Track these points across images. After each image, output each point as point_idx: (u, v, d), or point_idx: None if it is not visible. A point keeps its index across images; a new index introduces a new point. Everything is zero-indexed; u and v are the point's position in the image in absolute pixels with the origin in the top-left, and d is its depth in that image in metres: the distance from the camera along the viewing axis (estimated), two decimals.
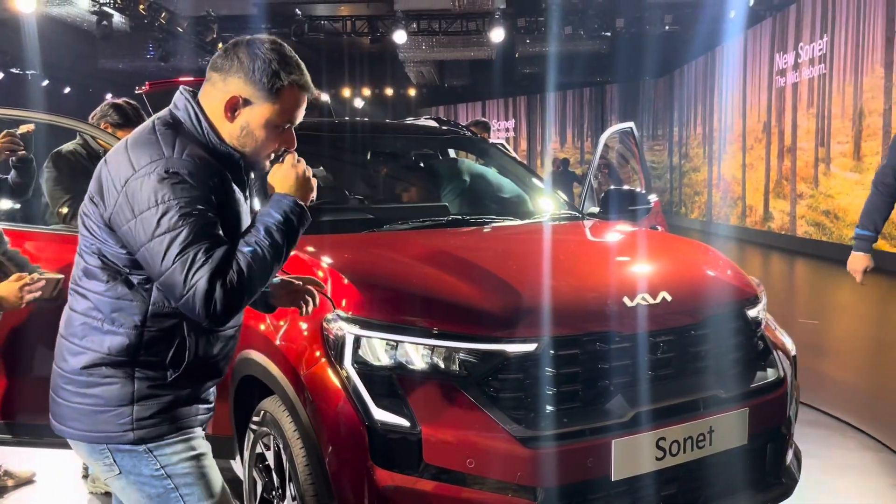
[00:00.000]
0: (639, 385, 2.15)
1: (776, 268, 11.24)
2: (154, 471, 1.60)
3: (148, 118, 3.64)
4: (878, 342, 6.17)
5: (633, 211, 3.70)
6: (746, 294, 2.50)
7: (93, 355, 1.58)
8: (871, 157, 10.28)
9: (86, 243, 1.61)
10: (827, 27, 11.51)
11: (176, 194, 1.47)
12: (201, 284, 1.43)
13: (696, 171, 17.71)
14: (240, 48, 1.60)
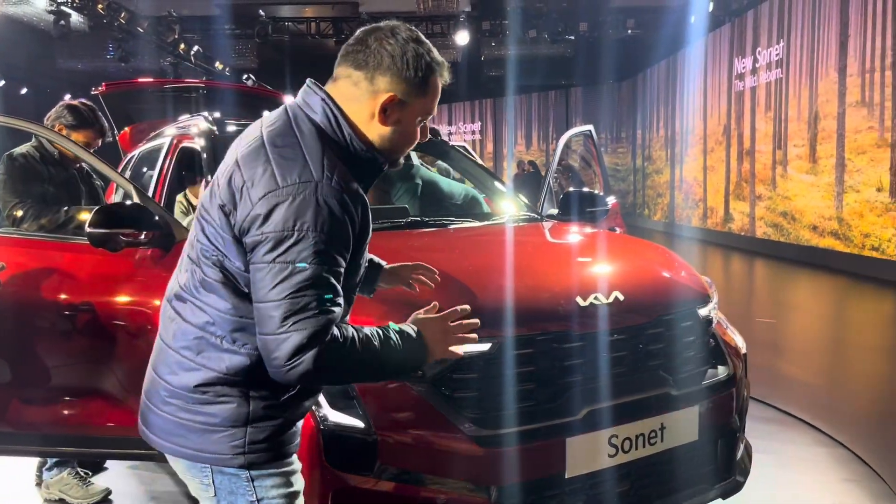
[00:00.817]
0: (592, 383, 2.19)
1: (736, 268, 11.45)
2: (248, 501, 1.50)
3: (105, 120, 3.60)
4: (832, 340, 6.34)
5: (592, 213, 3.76)
6: (698, 294, 2.55)
7: (209, 373, 1.46)
8: (825, 160, 10.54)
9: (205, 252, 1.46)
10: (783, 32, 11.77)
11: (317, 228, 1.33)
12: (299, 336, 1.32)
13: (659, 173, 17.97)
14: (384, 40, 1.43)
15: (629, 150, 20.24)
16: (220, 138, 3.26)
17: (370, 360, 1.41)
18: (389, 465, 1.96)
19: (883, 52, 9.22)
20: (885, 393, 4.67)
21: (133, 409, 2.80)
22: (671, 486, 2.32)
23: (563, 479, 2.07)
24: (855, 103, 9.83)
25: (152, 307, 2.65)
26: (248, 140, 1.48)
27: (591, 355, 2.20)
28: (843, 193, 10.07)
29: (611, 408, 2.16)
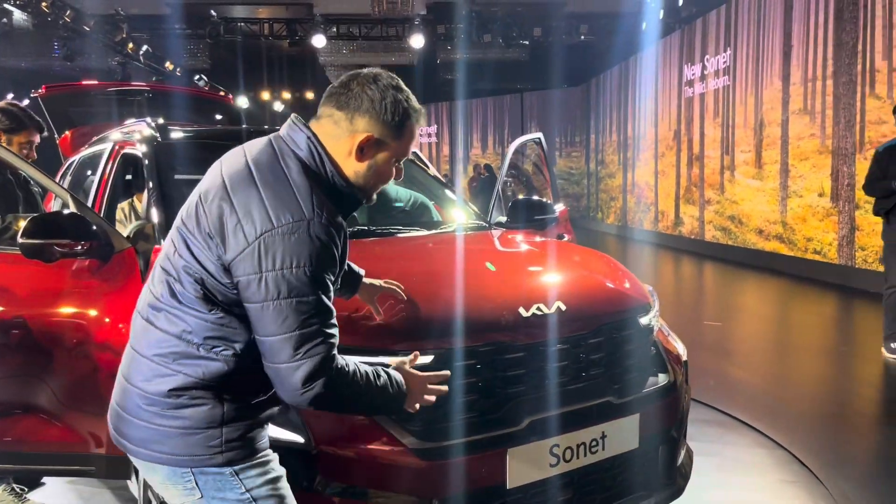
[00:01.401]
0: (534, 394, 2.21)
1: (686, 271, 11.68)
2: (240, 494, 1.57)
3: (44, 122, 3.50)
4: (775, 342, 6.50)
5: (540, 220, 3.79)
6: (639, 302, 2.59)
7: (184, 379, 1.53)
8: (771, 166, 10.82)
9: (188, 269, 1.53)
10: (730, 41, 12.06)
11: (312, 262, 1.45)
12: (311, 363, 1.46)
13: (612, 177, 18.23)
14: (366, 85, 1.57)
15: (583, 154, 20.49)
16: (163, 145, 3.21)
17: (366, 394, 1.57)
18: (331, 479, 1.95)
19: (824, 62, 9.51)
20: (824, 394, 4.81)
21: (70, 425, 2.74)
22: (613, 494, 2.35)
23: (505, 489, 2.08)
24: (798, 111, 10.11)
25: (89, 319, 2.58)
26: (234, 170, 1.56)
27: (534, 365, 2.22)
28: (787, 198, 10.35)
29: (552, 417, 2.18)
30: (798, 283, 9.37)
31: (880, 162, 5.34)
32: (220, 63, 17.74)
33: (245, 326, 1.54)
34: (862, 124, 8.75)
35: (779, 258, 10.46)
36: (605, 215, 18.82)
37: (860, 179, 8.75)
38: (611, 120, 18.27)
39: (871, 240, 8.52)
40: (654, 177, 15.37)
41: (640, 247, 14.73)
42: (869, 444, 3.91)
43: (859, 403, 4.54)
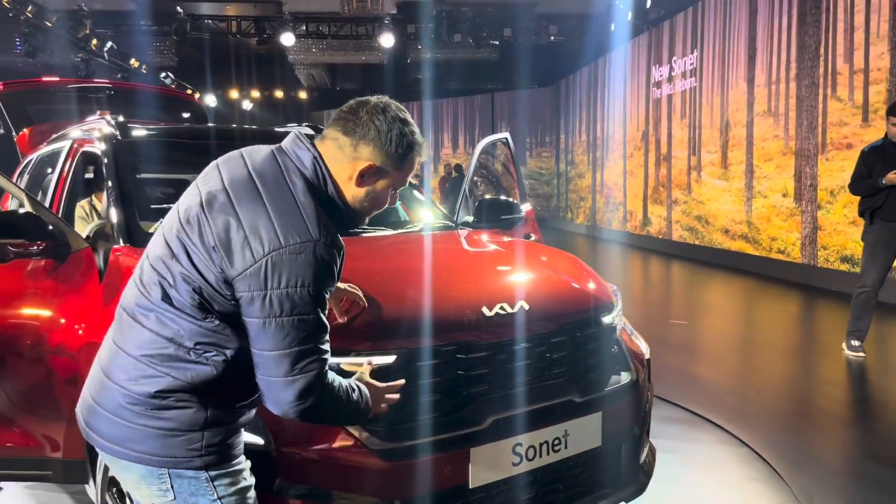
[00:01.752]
0: (497, 393, 2.20)
1: (653, 271, 11.80)
2: (211, 501, 1.58)
3: (1, 119, 3.41)
4: (740, 340, 6.59)
5: (507, 220, 3.80)
6: (603, 301, 2.60)
7: (171, 381, 1.54)
8: (736, 166, 10.98)
9: (186, 277, 1.54)
10: (697, 43, 12.21)
11: (316, 282, 1.49)
12: (307, 379, 1.51)
13: (581, 177, 18.36)
14: (374, 115, 1.60)
15: (553, 154, 20.61)
16: (123, 143, 3.15)
17: (345, 407, 1.64)
18: (290, 481, 1.93)
19: (787, 64, 9.67)
20: (787, 392, 4.89)
21: (26, 429, 2.68)
22: (576, 492, 2.36)
23: (467, 489, 2.08)
24: (762, 112, 10.28)
25: (44, 321, 2.53)
26: (237, 180, 1.57)
27: (497, 365, 2.22)
28: (752, 199, 10.51)
29: (515, 416, 2.18)
30: (763, 282, 9.52)
31: (866, 160, 5.37)
32: (187, 61, 17.51)
33: (237, 334, 1.55)
34: (824, 126, 8.92)
35: (744, 257, 10.62)
36: (574, 215, 18.95)
37: (822, 180, 8.92)
38: (580, 120, 18.40)
39: (833, 239, 8.69)
40: (623, 177, 15.51)
41: (608, 246, 14.85)
42: (829, 440, 3.98)
43: (821, 401, 4.62)
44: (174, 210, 1.67)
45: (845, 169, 8.51)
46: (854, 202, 8.36)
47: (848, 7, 8.54)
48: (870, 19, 8.20)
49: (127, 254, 2.55)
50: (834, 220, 8.69)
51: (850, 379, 5.09)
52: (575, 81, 18.57)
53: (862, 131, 8.28)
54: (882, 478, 3.44)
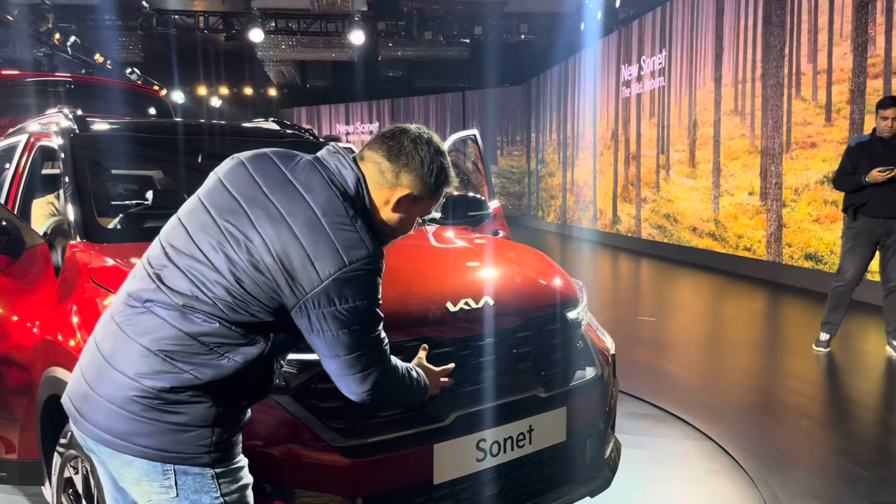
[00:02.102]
0: (461, 388, 2.19)
1: (623, 268, 11.89)
2: (213, 498, 1.57)
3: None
4: (706, 336, 6.67)
5: (474, 216, 3.79)
6: (568, 296, 2.60)
7: (188, 378, 1.52)
8: (704, 165, 11.11)
9: (223, 285, 1.53)
10: (665, 42, 12.33)
11: (375, 292, 1.58)
12: (377, 373, 1.63)
13: (552, 175, 18.45)
14: (419, 145, 1.65)
15: (524, 153, 20.67)
16: (81, 136, 3.08)
17: (408, 389, 1.79)
18: (253, 480, 1.89)
19: (753, 64, 9.81)
20: (751, 386, 4.96)
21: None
22: (541, 488, 2.37)
23: (431, 485, 2.06)
24: (729, 112, 10.41)
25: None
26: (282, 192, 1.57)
27: (461, 360, 2.20)
28: (720, 197, 10.64)
29: (480, 412, 2.18)
30: (729, 279, 9.64)
31: (851, 156, 5.37)
32: (153, 56, 17.25)
33: (265, 335, 1.57)
34: (788, 125, 9.06)
35: (711, 255, 10.76)
36: (545, 214, 19.04)
37: (787, 178, 9.06)
38: (551, 119, 18.48)
39: (797, 237, 8.83)
40: (593, 176, 15.62)
41: (579, 245, 14.95)
42: (791, 433, 4.03)
43: (785, 395, 4.69)
44: (197, 203, 1.62)
45: (809, 168, 8.66)
46: (818, 200, 8.52)
47: (812, 8, 8.68)
48: (833, 21, 8.34)
49: (83, 250, 2.49)
50: (798, 218, 8.83)
51: (815, 374, 5.17)
52: (546, 80, 18.65)
53: (825, 130, 8.42)
54: (843, 470, 3.50)
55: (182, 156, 3.51)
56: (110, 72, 16.80)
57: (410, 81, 21.91)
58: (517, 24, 15.69)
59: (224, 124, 3.91)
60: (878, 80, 7.59)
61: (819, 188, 8.44)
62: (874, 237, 5.31)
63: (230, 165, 1.66)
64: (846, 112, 8.09)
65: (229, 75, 21.99)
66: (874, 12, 7.70)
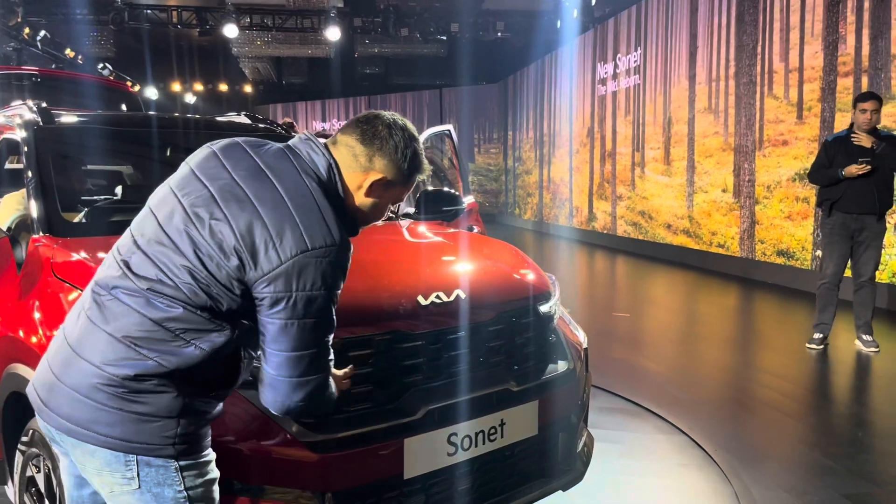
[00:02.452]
0: (432, 382, 2.18)
1: (598, 265, 11.95)
2: (177, 492, 1.53)
3: None
4: (680, 332, 6.72)
5: (448, 212, 3.77)
6: (540, 290, 2.60)
7: (153, 366, 1.49)
8: (678, 162, 11.20)
9: (187, 268, 1.51)
10: (640, 41, 12.40)
11: (335, 284, 1.54)
12: (319, 380, 1.57)
13: (529, 173, 18.49)
14: (393, 130, 1.65)
15: (501, 150, 20.70)
16: (44, 129, 3.02)
17: (328, 399, 1.67)
18: (220, 476, 1.86)
19: (727, 62, 9.90)
20: (723, 381, 5.00)
21: None
22: (512, 482, 2.36)
23: (402, 480, 2.04)
24: (703, 110, 10.50)
25: None
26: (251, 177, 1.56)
27: (432, 354, 2.19)
28: (694, 194, 10.73)
29: (451, 406, 2.16)
30: (703, 276, 9.73)
31: (828, 151, 5.41)
32: (126, 51, 17.04)
33: (232, 322, 1.54)
34: (761, 123, 9.16)
35: (686, 252, 10.85)
36: (522, 211, 19.08)
37: (760, 176, 9.16)
38: (528, 117, 18.52)
39: (770, 233, 8.93)
40: (569, 173, 15.68)
41: (555, 242, 15.00)
42: (763, 427, 4.07)
43: (758, 390, 4.73)
44: (167, 191, 1.61)
45: (781, 165, 8.75)
46: (789, 197, 8.61)
47: (784, 7, 8.77)
48: (804, 19, 8.44)
49: (46, 244, 2.44)
50: (771, 215, 8.93)
51: (787, 369, 5.22)
52: (522, 78, 18.68)
53: (797, 128, 8.52)
54: (813, 462, 3.54)
55: (151, 149, 3.46)
56: (82, 67, 16.55)
57: (387, 78, 21.86)
58: (494, 22, 15.71)
59: (195, 118, 3.86)
60: (849, 79, 7.69)
61: (791, 185, 8.54)
62: (849, 232, 5.37)
63: (202, 155, 1.66)
64: (817, 110, 8.19)
65: (204, 71, 21.77)
66: (845, 11, 7.80)
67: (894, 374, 5.13)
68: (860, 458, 3.60)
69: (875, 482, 3.29)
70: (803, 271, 8.26)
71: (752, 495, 3.14)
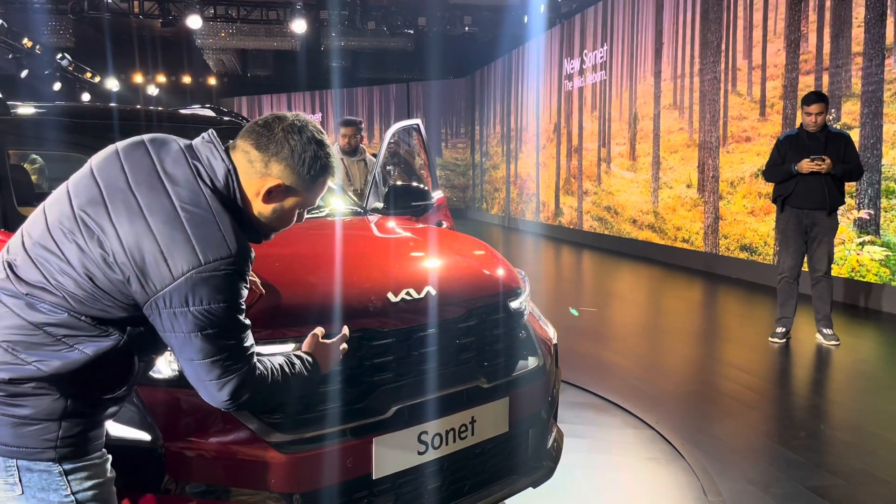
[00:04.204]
0: (402, 380, 2.15)
1: (565, 260, 12.02)
2: (63, 496, 1.46)
3: None
4: (646, 326, 6.78)
5: (417, 207, 3.74)
6: (510, 286, 2.58)
7: (31, 370, 1.42)
8: (644, 158, 11.30)
9: (69, 275, 1.44)
10: (607, 37, 12.48)
11: (236, 294, 1.49)
12: (237, 380, 1.51)
13: (496, 168, 18.53)
14: (290, 134, 1.57)
15: (468, 145, 20.70)
16: None
17: (285, 386, 1.65)
18: (180, 479, 1.81)
19: (692, 59, 10.00)
20: (688, 375, 5.05)
21: None
22: (483, 479, 2.34)
23: (371, 480, 2.01)
24: (668, 106, 10.60)
25: None
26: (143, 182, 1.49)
27: (402, 351, 2.16)
28: (659, 189, 10.84)
29: (421, 404, 2.14)
30: (668, 270, 9.84)
31: (780, 149, 5.57)
32: (85, 42, 16.63)
33: (118, 327, 1.48)
34: (725, 119, 9.28)
35: (651, 247, 10.96)
36: (489, 206, 19.11)
37: (723, 172, 9.28)
38: (495, 112, 18.54)
39: (733, 229, 9.06)
40: (536, 168, 15.73)
41: (522, 237, 15.05)
42: (727, 420, 4.12)
43: (724, 383, 4.79)
44: (63, 192, 1.54)
45: (745, 161, 8.88)
46: (752, 193, 8.74)
47: (747, 5, 8.89)
48: (767, 17, 8.56)
49: (1, 239, 2.35)
50: (734, 211, 9.05)
51: (751, 362, 5.30)
52: (489, 73, 18.69)
53: (759, 125, 8.65)
54: (777, 455, 3.59)
55: (111, 142, 3.36)
56: (39, 57, 16.12)
57: (354, 72, 21.69)
58: (461, 16, 15.65)
59: (157, 110, 3.77)
60: (810, 77, 7.82)
61: (754, 181, 8.67)
62: (802, 227, 5.50)
63: (104, 154, 1.58)
64: (779, 107, 8.32)
65: (167, 63, 21.36)
66: (807, 10, 7.93)
67: (854, 368, 5.23)
68: (823, 451, 3.66)
69: (838, 474, 3.35)
70: (766, 266, 8.40)
71: (718, 488, 3.17)
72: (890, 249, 6.82)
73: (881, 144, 6.88)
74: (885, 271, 6.86)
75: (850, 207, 7.14)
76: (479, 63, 18.91)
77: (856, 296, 7.17)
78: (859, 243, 7.13)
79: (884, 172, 6.85)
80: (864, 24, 7.11)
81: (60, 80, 18.05)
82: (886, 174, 6.83)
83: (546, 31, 15.04)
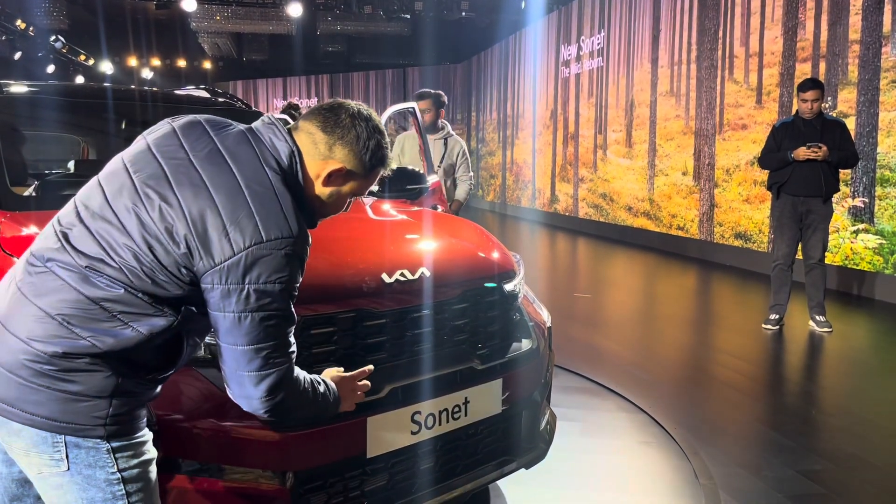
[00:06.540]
0: (396, 360, 2.16)
1: (560, 247, 12.03)
2: (110, 474, 1.46)
3: None
4: (640, 312, 6.80)
5: (412, 190, 3.74)
6: (504, 269, 2.58)
7: (85, 345, 1.41)
8: (640, 145, 11.29)
9: (130, 248, 1.44)
10: (604, 23, 12.43)
11: (291, 277, 1.48)
12: (278, 374, 1.50)
13: (492, 155, 18.50)
14: (357, 120, 1.60)
15: (464, 131, 20.65)
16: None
17: (312, 403, 1.63)
18: (175, 456, 1.82)
19: (689, 46, 9.98)
20: (682, 360, 5.08)
21: None
22: (475, 460, 2.35)
23: (365, 459, 2.02)
24: (665, 93, 10.58)
25: None
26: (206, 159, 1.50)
27: (396, 332, 2.17)
28: (655, 177, 10.84)
29: (415, 384, 2.14)
30: (663, 258, 9.86)
31: (776, 136, 5.58)
32: (80, 24, 16.49)
33: (173, 308, 1.48)
34: (721, 107, 9.27)
35: (646, 234, 10.97)
36: (485, 192, 19.10)
37: (719, 159, 9.28)
38: (491, 98, 18.49)
39: (728, 216, 9.08)
40: (532, 155, 15.71)
41: (518, 223, 15.06)
42: (719, 405, 4.15)
43: (717, 369, 4.81)
44: (119, 166, 1.55)
45: (741, 149, 8.88)
46: (748, 181, 8.75)
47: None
48: (765, 4, 8.54)
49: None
50: (729, 198, 9.06)
51: (744, 348, 5.33)
52: (486, 59, 18.62)
53: (756, 112, 8.64)
54: (769, 439, 3.62)
55: (107, 122, 3.36)
56: (33, 39, 15.99)
57: (350, 57, 21.59)
58: (458, 1, 15.58)
59: (152, 91, 3.74)
60: (807, 64, 7.81)
61: (749, 169, 8.67)
62: (797, 215, 5.51)
63: (161, 131, 1.60)
64: (776, 95, 8.31)
65: (161, 46, 21.21)
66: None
67: (846, 354, 5.27)
68: (814, 436, 3.69)
69: (828, 458, 3.38)
70: (760, 254, 8.43)
71: (709, 472, 3.20)
72: (884, 238, 6.85)
73: (877, 133, 6.89)
74: (879, 259, 6.89)
75: (844, 195, 7.16)
76: (476, 48, 18.83)
77: (849, 283, 7.20)
78: (853, 231, 7.15)
79: (879, 161, 6.86)
80: (861, 12, 7.10)
81: (54, 62, 17.92)
82: (882, 162, 6.84)
83: (543, 17, 14.98)
